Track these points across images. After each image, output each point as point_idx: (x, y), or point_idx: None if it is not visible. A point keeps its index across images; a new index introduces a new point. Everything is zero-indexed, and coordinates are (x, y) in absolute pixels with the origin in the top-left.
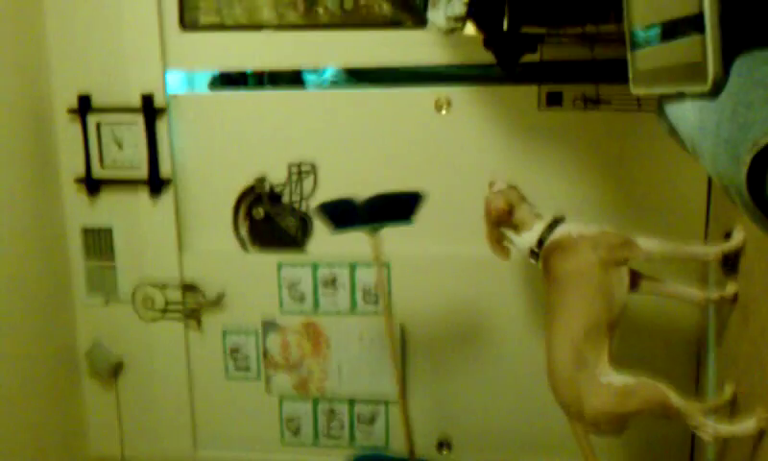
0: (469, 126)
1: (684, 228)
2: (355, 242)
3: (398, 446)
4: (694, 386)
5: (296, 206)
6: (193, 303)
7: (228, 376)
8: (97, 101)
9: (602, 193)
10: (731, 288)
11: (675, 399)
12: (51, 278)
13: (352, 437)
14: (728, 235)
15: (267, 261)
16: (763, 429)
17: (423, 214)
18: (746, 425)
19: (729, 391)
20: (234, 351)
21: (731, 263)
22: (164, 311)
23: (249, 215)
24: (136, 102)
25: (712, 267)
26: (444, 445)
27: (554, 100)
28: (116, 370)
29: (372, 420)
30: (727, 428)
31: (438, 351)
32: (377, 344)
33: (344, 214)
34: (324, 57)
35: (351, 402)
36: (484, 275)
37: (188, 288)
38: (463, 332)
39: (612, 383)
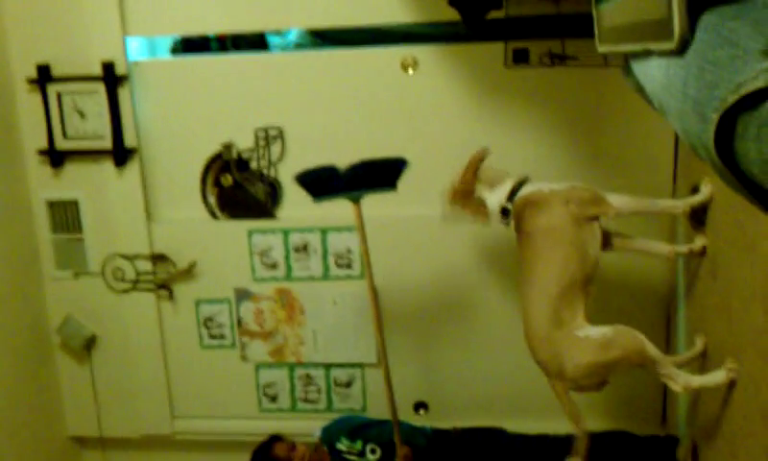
0: (437, 85)
1: (652, 183)
2: (326, 207)
3: (376, 409)
4: (664, 342)
5: (264, 172)
6: (164, 274)
7: (202, 346)
8: (57, 70)
9: (570, 149)
10: (699, 242)
11: (650, 347)
12: (18, 253)
13: (330, 402)
14: (695, 190)
15: (237, 229)
16: (733, 380)
17: None
18: (716, 377)
19: (699, 344)
20: (208, 320)
21: (698, 217)
22: (135, 283)
23: (217, 183)
24: (97, 70)
25: (681, 222)
26: (420, 406)
27: (521, 57)
28: (89, 344)
29: (348, 384)
30: (697, 379)
31: (412, 314)
32: (351, 309)
33: (324, 182)
34: (288, 18)
35: (328, 368)
36: (457, 236)
37: (158, 259)
38: (437, 295)
39: (589, 336)
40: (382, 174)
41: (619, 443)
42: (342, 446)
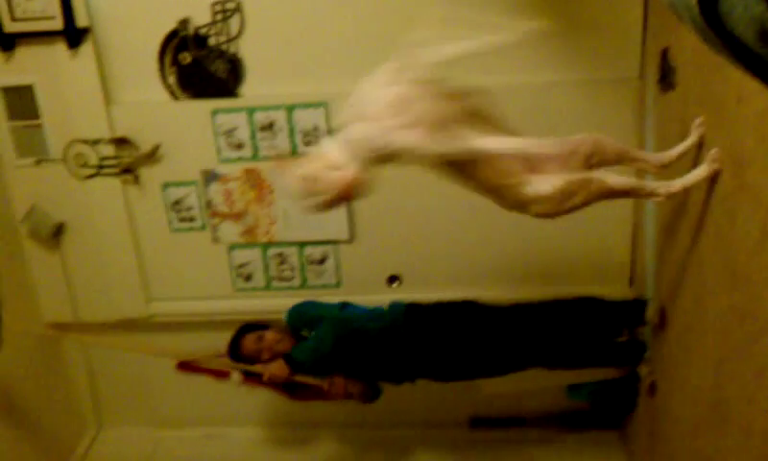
0: None
1: (620, 46)
2: (291, 84)
3: (350, 284)
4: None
5: (224, 48)
6: (128, 158)
7: (172, 229)
8: None
9: (537, 12)
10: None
11: (617, 182)
12: None
13: (304, 279)
14: (665, 52)
15: (200, 109)
16: (717, 171)
17: (355, 50)
18: (698, 172)
19: (695, 134)
20: (176, 203)
21: (667, 80)
22: (99, 168)
23: (175, 62)
24: None
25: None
26: (394, 279)
27: None
28: (57, 232)
29: (322, 261)
30: (679, 182)
31: (384, 189)
32: None
33: None
34: None
35: (301, 245)
36: None
37: (120, 142)
38: (408, 169)
39: (554, 185)
40: None
41: (589, 308)
42: (305, 333)
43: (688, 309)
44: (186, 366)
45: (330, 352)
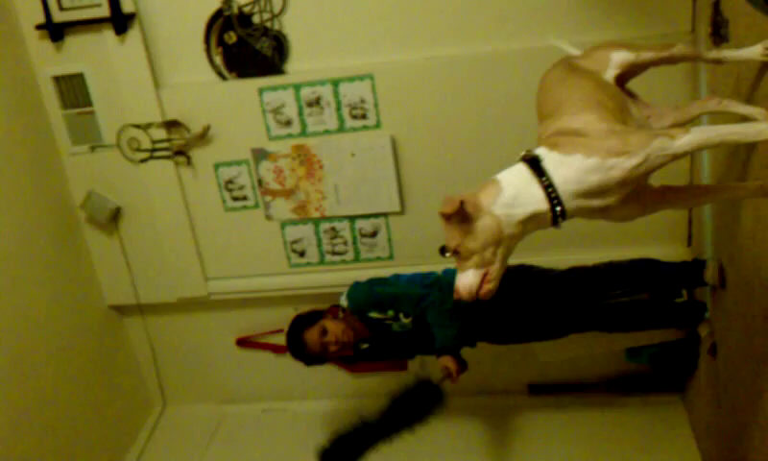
0: None
1: (670, 0)
2: (335, 57)
3: (402, 256)
4: None
5: (268, 25)
6: (180, 140)
7: (226, 208)
8: None
9: None
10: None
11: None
12: (32, 133)
13: (357, 252)
14: (716, 4)
15: (247, 88)
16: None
17: (397, 20)
18: (752, 50)
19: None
20: (229, 182)
21: (720, 33)
22: (152, 151)
23: (221, 42)
24: None
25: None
26: (445, 249)
27: None
28: (115, 216)
29: (374, 234)
30: (730, 53)
31: (433, 160)
32: (370, 159)
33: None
34: None
35: (352, 219)
36: (475, 74)
37: (172, 125)
38: (456, 136)
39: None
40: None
41: (647, 270)
42: (374, 315)
43: (748, 269)
44: (246, 342)
45: (462, 322)
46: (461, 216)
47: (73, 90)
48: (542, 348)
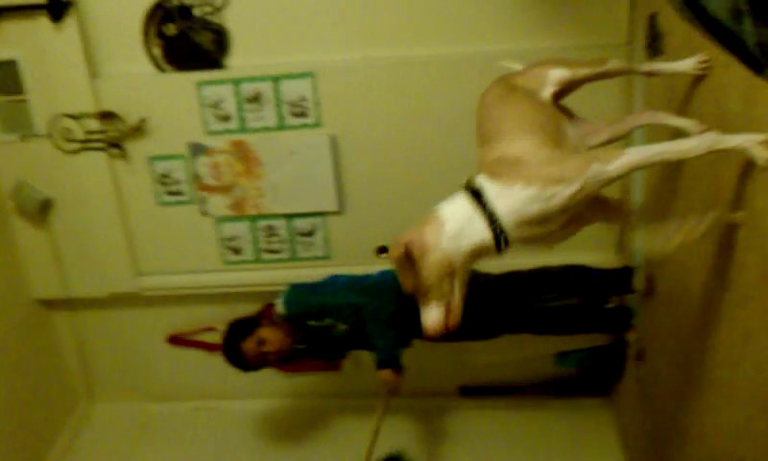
0: None
1: (607, 12)
2: (277, 53)
3: (339, 256)
4: None
5: (209, 19)
6: (114, 132)
7: (160, 203)
8: None
9: None
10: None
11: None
12: None
13: (294, 251)
14: (652, 18)
15: (185, 81)
16: (706, 68)
17: (341, 19)
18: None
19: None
20: (164, 176)
21: (655, 46)
22: (85, 142)
23: (160, 34)
24: None
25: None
26: (383, 250)
27: None
28: (45, 207)
29: (311, 233)
30: (665, 66)
31: (373, 160)
32: (309, 158)
33: None
34: None
35: (290, 218)
36: (417, 76)
37: (106, 116)
38: (398, 138)
39: None
40: None
41: (577, 276)
42: (312, 323)
43: (676, 277)
44: (178, 340)
45: (400, 331)
46: (410, 258)
47: (5, 77)
48: (476, 348)
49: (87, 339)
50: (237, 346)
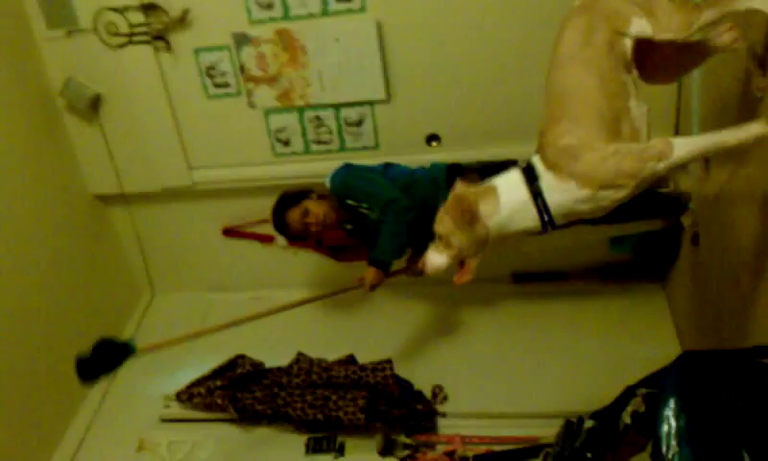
0: None
1: None
2: None
3: (388, 145)
4: None
5: None
6: (158, 24)
7: (208, 96)
8: None
9: None
10: None
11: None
12: (4, 17)
13: (342, 141)
14: None
15: None
16: None
17: None
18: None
19: None
20: (210, 68)
21: None
22: (130, 36)
23: None
24: None
25: None
26: (432, 138)
27: None
28: (95, 103)
29: (359, 122)
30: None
31: (419, 47)
32: (355, 45)
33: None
34: None
35: (337, 108)
36: None
37: (149, 8)
38: (445, 23)
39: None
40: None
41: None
42: (351, 202)
43: (736, 162)
44: (232, 231)
45: (407, 240)
46: (462, 216)
47: None
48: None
49: (145, 233)
50: (283, 214)
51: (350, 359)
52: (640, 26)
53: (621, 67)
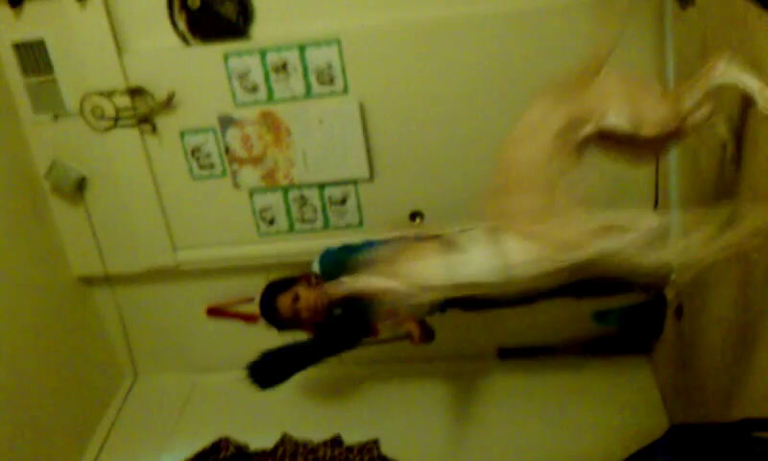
0: None
1: None
2: (301, 21)
3: (372, 222)
4: None
5: None
6: (144, 108)
7: (193, 177)
8: None
9: None
10: None
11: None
12: None
13: (326, 220)
14: None
15: (212, 53)
16: None
17: None
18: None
19: None
20: (195, 150)
21: None
22: (116, 119)
23: (184, 6)
24: None
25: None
26: (416, 215)
27: None
28: (80, 185)
29: (343, 201)
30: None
31: (402, 125)
32: (338, 125)
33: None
34: None
35: (321, 187)
36: (446, 39)
37: (136, 92)
38: (426, 102)
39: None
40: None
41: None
42: None
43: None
44: (216, 311)
45: None
46: None
47: (33, 57)
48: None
49: (128, 314)
50: (273, 301)
51: (336, 441)
52: (617, 121)
53: (569, 151)
